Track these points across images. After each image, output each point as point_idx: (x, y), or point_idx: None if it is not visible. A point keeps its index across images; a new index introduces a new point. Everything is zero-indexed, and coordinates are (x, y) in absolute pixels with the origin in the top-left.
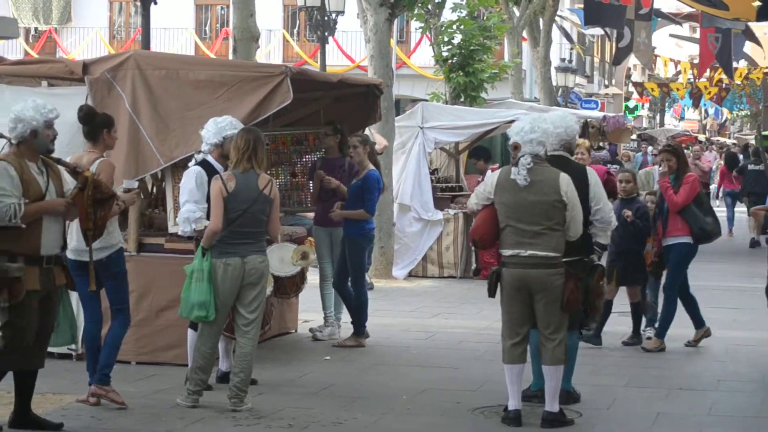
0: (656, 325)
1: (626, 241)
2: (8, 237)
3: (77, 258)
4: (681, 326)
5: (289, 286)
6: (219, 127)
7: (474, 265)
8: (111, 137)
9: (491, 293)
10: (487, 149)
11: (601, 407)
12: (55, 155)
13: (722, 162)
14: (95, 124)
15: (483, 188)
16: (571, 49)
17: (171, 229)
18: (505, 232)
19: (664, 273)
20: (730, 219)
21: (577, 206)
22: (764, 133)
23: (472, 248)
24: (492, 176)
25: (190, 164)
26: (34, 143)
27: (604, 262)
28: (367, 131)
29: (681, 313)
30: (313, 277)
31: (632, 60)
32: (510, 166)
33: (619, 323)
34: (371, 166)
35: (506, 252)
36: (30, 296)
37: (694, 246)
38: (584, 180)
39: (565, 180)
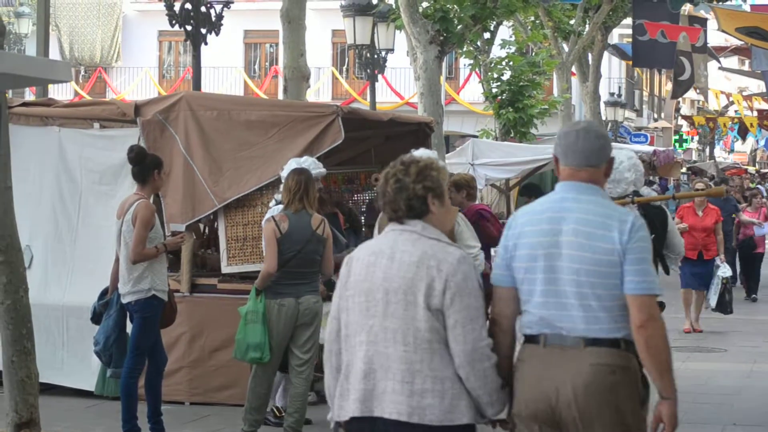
0: None
1: None
2: None
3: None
4: None
5: None
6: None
7: None
8: (160, 178)
9: None
10: (537, 186)
11: None
12: (98, 197)
13: None
14: (146, 165)
15: None
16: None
17: (224, 270)
18: None
19: None
20: None
21: None
22: None
23: None
24: None
25: (271, 204)
26: None
27: None
28: None
29: None
30: None
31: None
32: None
33: None
34: None
35: None
36: None
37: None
38: None
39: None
